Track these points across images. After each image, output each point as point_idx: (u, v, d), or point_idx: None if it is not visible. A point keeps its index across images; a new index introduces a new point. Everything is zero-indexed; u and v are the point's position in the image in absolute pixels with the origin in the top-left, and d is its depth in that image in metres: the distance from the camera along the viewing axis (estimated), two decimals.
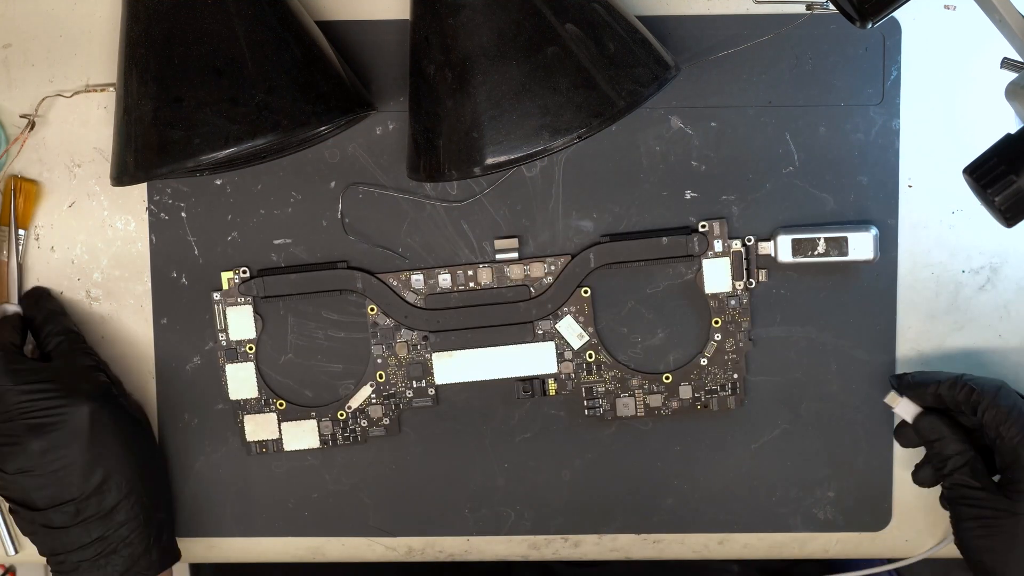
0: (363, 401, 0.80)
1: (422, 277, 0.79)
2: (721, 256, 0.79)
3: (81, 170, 0.80)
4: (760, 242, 0.78)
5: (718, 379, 0.80)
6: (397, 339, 0.80)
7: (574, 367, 0.80)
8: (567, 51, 0.65)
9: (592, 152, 0.78)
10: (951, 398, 0.75)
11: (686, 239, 0.78)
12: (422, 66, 0.68)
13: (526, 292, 0.79)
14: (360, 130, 0.78)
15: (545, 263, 0.79)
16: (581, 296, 0.79)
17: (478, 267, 0.79)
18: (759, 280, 0.79)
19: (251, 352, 0.80)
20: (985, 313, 0.80)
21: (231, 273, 0.79)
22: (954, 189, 0.79)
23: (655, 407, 0.80)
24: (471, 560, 0.83)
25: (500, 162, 0.66)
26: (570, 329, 0.79)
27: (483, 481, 0.81)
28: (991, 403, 0.73)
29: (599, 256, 0.79)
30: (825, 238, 0.77)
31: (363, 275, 0.79)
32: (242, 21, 0.67)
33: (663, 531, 0.82)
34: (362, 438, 0.81)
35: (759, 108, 0.78)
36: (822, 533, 0.81)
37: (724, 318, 0.79)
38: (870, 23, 0.58)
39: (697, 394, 0.80)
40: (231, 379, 0.80)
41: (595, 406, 0.80)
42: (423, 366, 0.80)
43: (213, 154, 0.66)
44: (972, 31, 0.77)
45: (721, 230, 0.78)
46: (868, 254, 0.77)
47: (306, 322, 0.80)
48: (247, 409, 0.80)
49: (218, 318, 0.79)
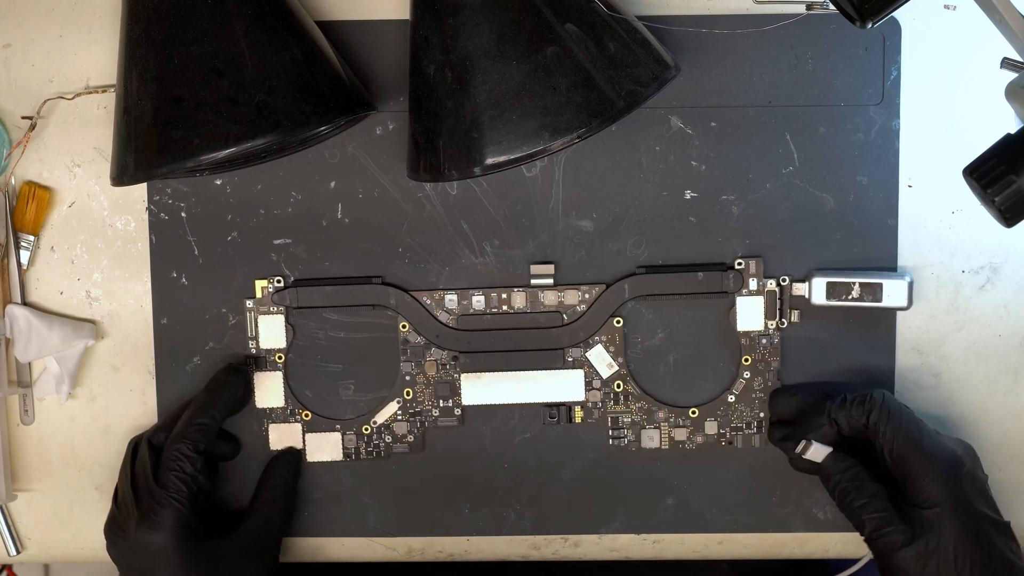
0: (389, 417, 0.80)
1: (456, 297, 0.79)
2: (755, 295, 0.79)
3: (81, 170, 0.80)
4: (795, 283, 0.78)
5: (744, 416, 0.80)
6: (427, 357, 0.80)
7: (601, 396, 0.80)
8: (567, 51, 0.65)
9: (592, 152, 0.78)
10: (844, 416, 0.74)
11: (721, 275, 0.78)
12: (422, 66, 0.68)
13: (559, 319, 0.79)
14: (360, 130, 0.78)
15: (579, 291, 0.79)
16: (613, 326, 0.79)
17: (512, 291, 0.79)
18: (791, 321, 0.79)
19: (280, 361, 0.80)
20: (985, 313, 0.80)
21: (265, 282, 0.79)
22: (954, 189, 0.79)
23: (680, 440, 0.80)
24: (471, 560, 0.83)
25: (500, 162, 0.66)
26: (600, 358, 0.79)
27: (483, 481, 0.81)
28: (882, 410, 0.73)
29: (634, 287, 0.78)
30: (860, 283, 0.77)
31: (396, 292, 0.79)
32: (242, 21, 0.67)
33: (663, 531, 0.82)
34: (385, 454, 0.81)
35: (759, 108, 0.78)
36: (822, 533, 0.81)
37: (754, 356, 0.79)
38: (870, 23, 0.58)
39: (722, 430, 0.80)
40: (259, 387, 0.80)
41: (620, 436, 0.80)
42: (451, 386, 0.80)
43: (213, 154, 0.66)
44: (972, 31, 0.77)
45: (757, 268, 0.78)
46: (902, 302, 0.77)
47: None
48: (272, 418, 0.80)
49: (249, 326, 0.79)
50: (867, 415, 0.74)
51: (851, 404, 0.74)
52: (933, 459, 0.72)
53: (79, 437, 0.82)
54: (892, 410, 0.74)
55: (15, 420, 0.82)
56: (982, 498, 0.73)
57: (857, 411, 0.74)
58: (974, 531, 0.71)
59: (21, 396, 0.81)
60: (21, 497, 0.83)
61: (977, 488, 0.73)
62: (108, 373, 0.81)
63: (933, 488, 0.72)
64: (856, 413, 0.74)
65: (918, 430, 0.73)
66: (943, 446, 0.73)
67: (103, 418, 0.82)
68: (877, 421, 0.73)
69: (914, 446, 0.72)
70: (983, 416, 0.81)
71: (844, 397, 0.75)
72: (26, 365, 0.81)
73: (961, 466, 0.73)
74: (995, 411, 0.81)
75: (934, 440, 0.73)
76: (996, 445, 0.81)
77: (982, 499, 0.73)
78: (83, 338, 0.80)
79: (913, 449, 0.72)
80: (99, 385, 0.81)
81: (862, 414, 0.74)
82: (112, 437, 0.82)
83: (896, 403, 0.74)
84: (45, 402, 0.82)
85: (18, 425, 0.82)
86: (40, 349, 0.79)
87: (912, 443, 0.72)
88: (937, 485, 0.71)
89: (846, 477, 0.74)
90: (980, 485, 0.74)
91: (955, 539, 0.71)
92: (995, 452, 0.81)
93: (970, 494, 0.72)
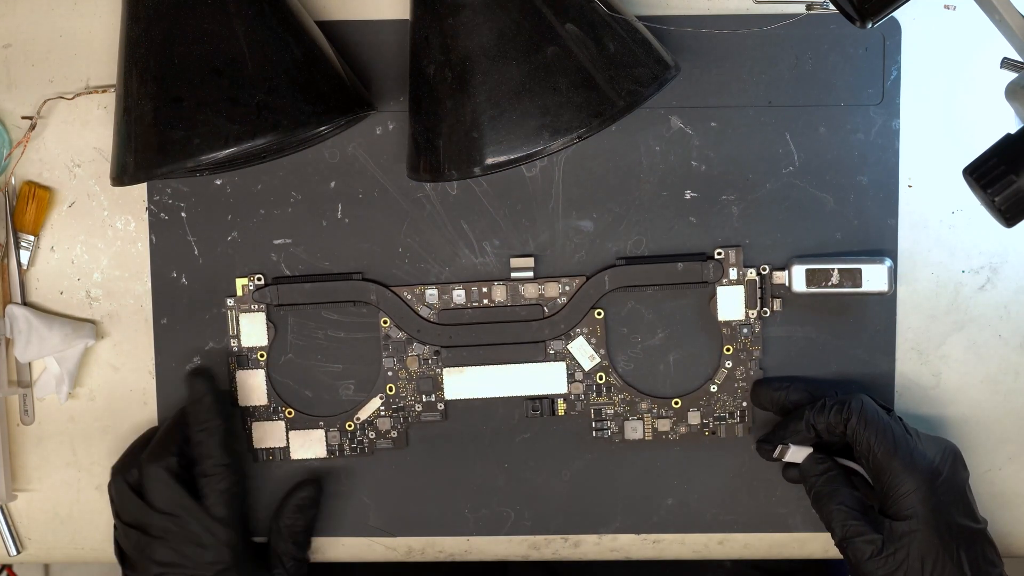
0: (372, 413, 0.80)
1: (436, 292, 0.79)
2: (736, 284, 0.78)
3: (81, 170, 0.80)
4: (775, 271, 0.78)
5: (727, 406, 0.80)
6: (409, 353, 0.80)
7: (584, 388, 0.80)
8: (567, 51, 0.65)
9: (592, 152, 0.78)
10: (823, 422, 0.74)
11: (701, 266, 0.78)
12: (422, 66, 0.68)
13: (539, 311, 0.79)
14: (360, 130, 0.78)
15: (560, 283, 0.79)
16: (594, 318, 0.79)
17: (493, 284, 0.79)
18: (773, 309, 0.79)
19: (262, 359, 0.80)
20: (985, 313, 0.80)
21: (245, 280, 0.79)
22: (954, 189, 0.79)
23: (663, 431, 0.80)
24: (471, 560, 0.83)
25: (500, 162, 0.66)
26: (582, 350, 0.79)
27: (483, 481, 0.81)
28: (859, 418, 0.73)
29: (614, 279, 0.78)
30: (839, 269, 0.77)
31: (377, 287, 0.79)
32: (242, 21, 0.67)
33: (663, 531, 0.82)
34: (369, 450, 0.81)
35: (759, 108, 0.78)
36: (822, 533, 0.81)
37: (736, 346, 0.79)
38: (870, 23, 0.58)
39: (705, 420, 0.80)
40: (241, 385, 0.80)
41: (603, 427, 0.80)
42: (433, 381, 0.80)
43: (213, 154, 0.66)
44: (972, 31, 0.77)
45: (737, 258, 0.78)
46: (883, 286, 0.77)
47: (310, 323, 0.80)
48: (255, 416, 0.80)
49: (231, 324, 0.79)
50: (845, 423, 0.74)
51: (829, 410, 0.74)
52: (908, 470, 0.72)
53: (79, 437, 0.82)
54: (869, 418, 0.73)
55: (15, 420, 0.82)
56: (958, 506, 0.73)
57: (835, 418, 0.74)
58: (945, 545, 0.71)
59: (21, 396, 0.81)
60: (21, 497, 0.83)
61: (953, 496, 0.73)
62: (108, 373, 0.81)
63: (907, 501, 0.71)
64: (834, 420, 0.74)
65: (893, 440, 0.73)
66: (920, 455, 0.73)
67: (103, 418, 0.82)
68: (855, 429, 0.73)
69: (890, 456, 0.72)
70: (983, 416, 0.81)
71: (823, 402, 0.75)
72: (26, 365, 0.81)
73: (937, 475, 0.72)
74: (995, 411, 0.81)
75: (910, 449, 0.73)
76: (996, 445, 0.81)
77: (958, 507, 0.73)
78: (83, 338, 0.80)
79: (889, 459, 0.72)
80: (99, 385, 0.81)
81: (840, 421, 0.74)
82: (112, 437, 0.82)
83: (873, 410, 0.74)
84: (45, 402, 0.82)
85: (18, 425, 0.82)
86: (40, 349, 0.79)
87: (888, 453, 0.72)
88: (911, 498, 0.71)
89: (821, 481, 0.75)
90: (957, 492, 0.73)
91: (924, 553, 0.71)
92: (995, 452, 0.81)
93: (945, 505, 0.72)
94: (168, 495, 0.74)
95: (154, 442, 0.76)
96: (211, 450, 0.75)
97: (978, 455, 0.80)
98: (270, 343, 0.80)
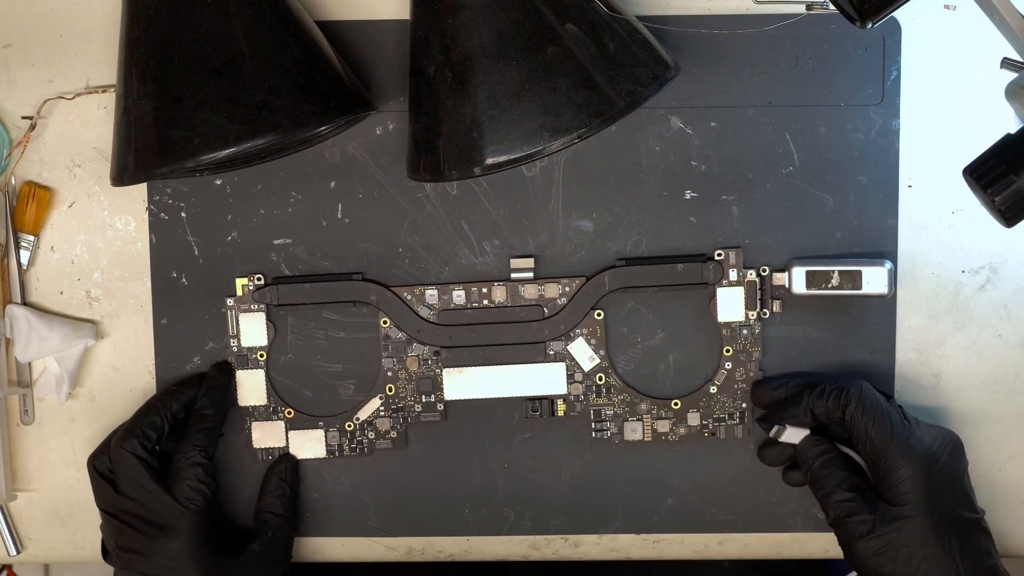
0: (372, 413, 0.80)
1: (436, 292, 0.79)
2: (735, 285, 0.78)
3: (81, 170, 0.80)
4: (775, 272, 0.78)
5: (726, 407, 0.80)
6: (408, 353, 0.80)
7: (583, 389, 0.80)
8: (567, 51, 0.65)
9: (592, 152, 0.78)
10: (821, 407, 0.75)
11: (701, 267, 0.78)
12: (422, 66, 0.68)
13: (539, 312, 0.79)
14: (360, 130, 0.78)
15: (560, 284, 0.79)
16: (594, 318, 0.79)
17: (493, 285, 0.79)
18: (772, 311, 0.79)
19: (262, 359, 0.80)
20: (985, 313, 0.80)
21: (245, 280, 0.79)
22: (954, 189, 0.79)
23: (662, 432, 0.80)
24: (471, 560, 0.83)
25: (500, 162, 0.66)
26: (581, 351, 0.79)
27: (483, 481, 0.81)
28: (857, 404, 0.73)
29: (614, 280, 0.78)
30: (839, 271, 0.77)
31: (377, 288, 0.79)
32: (242, 21, 0.67)
33: (663, 531, 0.82)
34: (369, 450, 0.81)
35: (759, 108, 0.78)
36: (822, 533, 0.81)
37: (736, 347, 0.79)
38: (870, 23, 0.58)
39: (705, 421, 0.80)
40: (241, 385, 0.80)
41: (603, 428, 0.80)
42: (433, 381, 0.80)
43: (213, 154, 0.66)
44: (972, 31, 0.77)
45: (737, 259, 0.78)
46: (882, 289, 0.77)
47: (310, 323, 0.80)
48: (255, 416, 0.80)
49: (230, 324, 0.79)
50: (843, 409, 0.74)
51: (828, 396, 0.75)
52: (905, 457, 0.72)
53: (79, 437, 0.82)
54: (867, 405, 0.73)
55: (15, 420, 0.82)
56: (955, 495, 0.73)
57: (834, 403, 0.74)
58: (938, 533, 0.71)
59: (21, 396, 0.81)
60: (21, 497, 0.83)
61: (950, 485, 0.73)
62: (108, 373, 0.81)
63: (903, 487, 0.72)
64: (833, 405, 0.74)
65: (891, 426, 0.73)
66: (917, 441, 0.73)
67: (103, 418, 0.82)
68: (853, 415, 0.73)
69: (887, 442, 0.72)
70: (983, 416, 0.81)
71: (823, 387, 0.75)
72: (26, 365, 0.81)
73: (935, 463, 0.73)
74: (995, 411, 0.81)
75: (907, 436, 0.73)
76: (996, 445, 0.81)
77: (955, 496, 0.73)
78: (83, 338, 0.80)
79: (886, 445, 0.72)
80: (99, 385, 0.81)
81: (838, 407, 0.74)
82: None
83: (872, 396, 0.74)
84: (45, 402, 0.82)
85: (18, 425, 0.82)
86: (40, 349, 0.79)
87: (885, 439, 0.72)
88: (906, 484, 0.72)
89: (819, 462, 0.75)
90: (955, 480, 0.74)
91: (917, 538, 0.71)
92: (995, 452, 0.81)
93: (941, 493, 0.72)
94: (131, 477, 0.75)
95: (123, 427, 0.77)
96: (193, 434, 0.76)
97: (978, 455, 0.80)
98: (270, 343, 0.80)
